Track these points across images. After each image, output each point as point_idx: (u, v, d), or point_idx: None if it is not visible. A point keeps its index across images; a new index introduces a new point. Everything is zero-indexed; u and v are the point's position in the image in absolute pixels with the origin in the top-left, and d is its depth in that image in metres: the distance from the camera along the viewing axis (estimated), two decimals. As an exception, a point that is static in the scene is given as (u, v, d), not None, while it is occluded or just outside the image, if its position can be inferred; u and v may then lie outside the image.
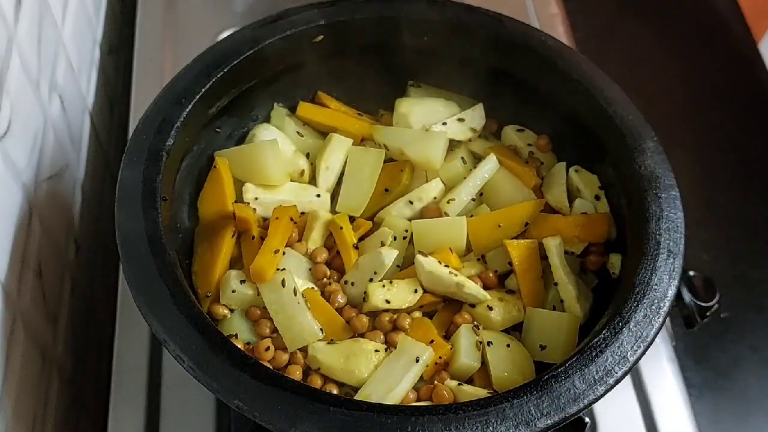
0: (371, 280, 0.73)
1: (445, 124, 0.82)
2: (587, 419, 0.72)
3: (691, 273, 0.77)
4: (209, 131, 0.80)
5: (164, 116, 0.73)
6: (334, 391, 0.69)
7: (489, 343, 0.71)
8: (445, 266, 0.73)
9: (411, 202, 0.79)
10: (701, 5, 1.27)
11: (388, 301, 0.72)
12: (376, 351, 0.69)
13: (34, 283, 0.77)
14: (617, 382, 0.61)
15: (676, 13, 1.26)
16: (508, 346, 0.71)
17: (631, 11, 1.27)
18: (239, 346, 0.64)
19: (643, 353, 0.63)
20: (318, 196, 0.80)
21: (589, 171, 0.80)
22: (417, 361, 0.68)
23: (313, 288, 0.74)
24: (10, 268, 0.71)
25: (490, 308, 0.73)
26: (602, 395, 0.60)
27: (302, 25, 0.80)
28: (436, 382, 0.69)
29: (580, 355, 0.62)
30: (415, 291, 0.73)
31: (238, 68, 0.78)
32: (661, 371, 0.84)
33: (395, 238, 0.76)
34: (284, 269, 0.72)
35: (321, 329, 0.70)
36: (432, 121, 0.83)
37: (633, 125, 0.75)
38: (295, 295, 0.70)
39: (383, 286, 0.73)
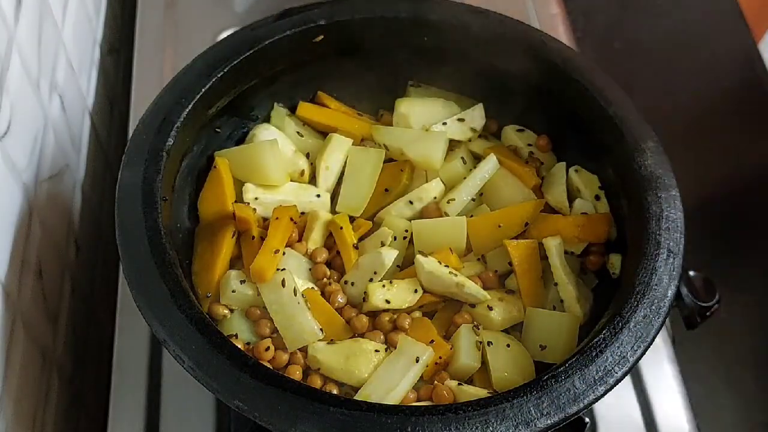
0: (371, 280, 0.73)
1: (445, 124, 0.82)
2: (587, 419, 0.72)
3: (691, 273, 0.77)
4: (209, 131, 0.80)
5: (164, 116, 0.73)
6: (334, 391, 0.69)
7: (489, 343, 0.71)
8: (445, 266, 0.73)
9: (411, 202, 0.79)
10: (701, 5, 1.27)
11: (388, 301, 0.72)
12: (376, 351, 0.69)
13: (34, 283, 0.77)
14: (617, 382, 0.61)
15: (676, 13, 1.26)
16: (508, 346, 0.71)
17: (631, 11, 1.27)
18: (239, 346, 0.64)
19: (643, 353, 0.63)
20: (318, 196, 0.80)
21: (589, 171, 0.80)
22: (417, 361, 0.68)
23: (313, 288, 0.74)
24: (10, 268, 0.71)
25: (490, 308, 0.73)
26: (602, 395, 0.60)
27: (302, 25, 0.80)
28: (436, 382, 0.69)
29: (580, 355, 0.62)
30: (415, 291, 0.73)
31: (238, 68, 0.78)
32: (661, 371, 0.84)
33: (395, 238, 0.76)
34: (284, 269, 0.72)
35: (321, 329, 0.70)
36: (432, 121, 0.83)
37: (633, 125, 0.75)
38: (295, 295, 0.70)
39: (383, 286, 0.73)
